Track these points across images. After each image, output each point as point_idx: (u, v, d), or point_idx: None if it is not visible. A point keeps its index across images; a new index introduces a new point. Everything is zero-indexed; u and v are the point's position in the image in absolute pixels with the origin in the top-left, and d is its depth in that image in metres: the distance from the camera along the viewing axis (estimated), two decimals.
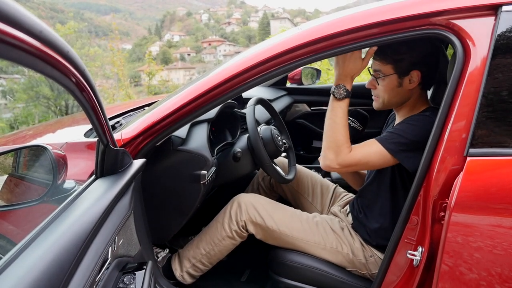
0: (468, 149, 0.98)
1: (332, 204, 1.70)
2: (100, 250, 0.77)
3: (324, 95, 2.82)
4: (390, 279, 1.18)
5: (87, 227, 0.73)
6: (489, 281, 0.96)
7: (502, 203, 0.94)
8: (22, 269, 0.54)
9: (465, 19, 1.03)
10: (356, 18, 1.12)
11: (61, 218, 0.73)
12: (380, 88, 1.32)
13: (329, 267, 1.40)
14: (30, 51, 0.37)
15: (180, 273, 1.55)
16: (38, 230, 0.67)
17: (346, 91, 1.27)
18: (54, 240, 0.64)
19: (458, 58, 1.03)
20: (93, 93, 0.65)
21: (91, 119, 0.76)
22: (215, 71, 1.29)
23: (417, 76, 1.27)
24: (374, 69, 1.32)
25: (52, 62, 0.42)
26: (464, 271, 0.98)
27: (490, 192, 0.95)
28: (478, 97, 0.98)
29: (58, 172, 0.94)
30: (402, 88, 1.30)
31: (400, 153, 1.21)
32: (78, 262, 0.67)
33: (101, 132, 0.85)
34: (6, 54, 0.34)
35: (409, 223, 1.13)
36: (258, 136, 1.51)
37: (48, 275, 0.56)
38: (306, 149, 2.81)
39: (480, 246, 0.95)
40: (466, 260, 0.97)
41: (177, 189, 1.40)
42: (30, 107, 11.73)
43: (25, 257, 0.58)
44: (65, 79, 0.50)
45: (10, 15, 0.33)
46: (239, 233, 1.48)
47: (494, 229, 0.94)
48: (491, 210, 0.95)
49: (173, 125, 1.26)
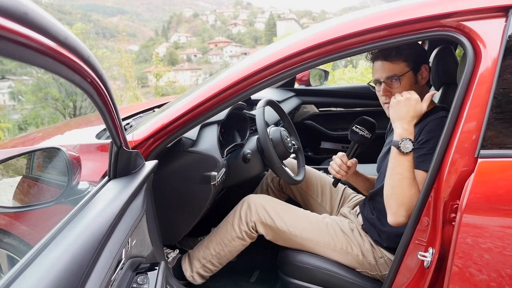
0: (479, 150, 0.98)
1: (341, 205, 1.70)
2: (115, 250, 0.78)
3: (332, 96, 2.83)
4: (401, 280, 1.18)
5: (102, 228, 0.74)
6: (500, 283, 0.96)
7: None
8: (43, 269, 0.56)
9: (475, 21, 1.03)
10: (367, 20, 1.13)
11: (77, 219, 0.74)
12: (398, 91, 1.27)
13: (339, 268, 1.40)
14: (56, 57, 0.38)
15: (190, 274, 1.57)
16: (56, 231, 0.68)
17: (412, 143, 1.17)
18: (72, 240, 0.66)
19: (468, 60, 1.03)
20: (109, 96, 0.66)
21: (106, 121, 0.77)
22: (225, 73, 1.30)
23: (426, 71, 1.29)
24: (388, 76, 1.30)
25: (74, 67, 0.44)
26: (475, 272, 0.98)
27: (501, 193, 0.95)
28: (489, 99, 0.98)
29: (73, 174, 0.96)
30: (418, 85, 1.30)
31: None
32: (95, 262, 0.69)
33: (115, 134, 0.86)
34: (34, 60, 0.35)
35: (420, 224, 1.13)
36: (268, 138, 1.52)
37: (67, 275, 0.58)
38: (314, 150, 2.81)
39: (491, 247, 0.95)
40: (477, 261, 0.97)
41: (188, 190, 1.42)
42: (38, 108, 11.84)
43: (44, 256, 0.59)
44: (85, 83, 0.51)
45: (40, 23, 0.34)
46: (249, 233, 1.49)
47: (505, 231, 0.94)
48: (502, 212, 0.95)
49: (184, 127, 1.27)
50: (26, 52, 0.33)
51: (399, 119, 1.19)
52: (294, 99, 2.63)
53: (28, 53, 0.33)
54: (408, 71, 1.27)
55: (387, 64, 1.29)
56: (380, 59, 1.31)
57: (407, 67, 1.27)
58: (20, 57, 0.33)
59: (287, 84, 2.81)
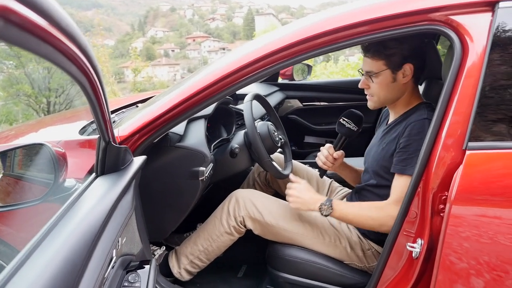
0: (467, 143, 1.00)
1: None
2: (107, 248, 0.76)
3: (315, 91, 2.84)
4: (390, 271, 1.20)
5: (94, 226, 0.72)
6: (489, 272, 0.99)
7: (501, 195, 0.96)
8: (37, 269, 0.53)
9: (463, 15, 1.04)
10: (356, 14, 1.13)
11: (67, 217, 0.71)
12: (374, 86, 1.32)
13: (328, 260, 1.41)
14: (56, 45, 0.36)
15: (177, 270, 1.55)
16: (46, 230, 0.65)
17: (327, 203, 1.31)
18: (64, 239, 0.63)
19: (456, 54, 1.05)
20: (102, 90, 0.64)
21: (96, 116, 0.74)
22: (211, 68, 1.29)
23: (410, 70, 1.28)
24: (366, 70, 1.32)
25: (73, 58, 0.41)
26: (464, 262, 1.00)
27: (489, 184, 0.97)
28: (476, 92, 1.00)
29: (59, 170, 0.93)
30: (397, 83, 1.31)
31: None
32: (88, 260, 0.67)
33: (104, 129, 0.83)
34: (36, 48, 0.33)
35: (408, 216, 1.14)
36: (256, 132, 1.51)
37: (62, 274, 0.55)
38: (298, 145, 2.82)
39: (480, 237, 0.97)
40: (466, 251, 0.99)
41: (175, 186, 1.39)
42: (10, 105, 11.44)
43: (37, 256, 0.57)
44: (81, 75, 0.49)
45: (44, 6, 0.32)
46: (237, 228, 1.48)
47: (494, 221, 0.96)
48: (491, 202, 0.97)
49: (171, 122, 1.25)
50: (31, 39, 0.31)
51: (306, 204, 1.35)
52: (278, 93, 2.63)
53: (32, 40, 0.31)
54: (385, 69, 1.28)
55: (367, 58, 1.31)
56: (363, 52, 1.33)
57: (384, 65, 1.28)
58: (24, 44, 0.30)
59: (271, 79, 2.80)
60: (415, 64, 1.29)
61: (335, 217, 1.32)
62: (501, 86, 0.99)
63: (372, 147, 1.45)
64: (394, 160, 1.27)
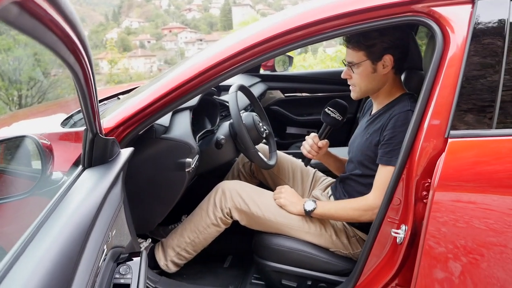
0: (449, 131, 1.03)
1: (312, 188, 1.73)
2: (100, 240, 0.75)
3: (297, 82, 2.86)
4: (375, 256, 1.23)
5: (86, 218, 0.71)
6: (471, 256, 1.03)
7: (481, 181, 1.00)
8: (33, 263, 0.53)
9: (445, 7, 1.07)
10: (340, 5, 1.14)
11: (59, 210, 0.70)
12: (355, 77, 1.35)
13: (313, 248, 1.44)
14: (59, 34, 0.35)
15: (164, 262, 1.54)
16: (38, 223, 0.64)
17: (310, 207, 1.40)
18: (58, 232, 0.62)
19: (438, 45, 1.08)
20: (93, 81, 0.63)
21: (85, 107, 0.73)
22: (196, 59, 1.28)
23: (390, 60, 1.30)
24: (348, 61, 1.35)
25: (72, 47, 0.41)
26: (446, 246, 1.04)
27: (471, 171, 1.01)
28: (457, 82, 1.03)
29: (46, 163, 0.91)
30: (377, 73, 1.33)
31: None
32: (82, 253, 0.66)
33: (93, 120, 0.82)
34: (42, 36, 0.32)
35: (392, 203, 1.18)
36: (242, 123, 1.52)
37: (59, 267, 0.55)
38: (280, 136, 2.84)
39: (463, 222, 1.01)
40: (449, 236, 1.03)
41: (162, 178, 1.39)
42: None
43: (32, 249, 0.56)
44: (76, 65, 0.48)
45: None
46: (224, 220, 1.49)
47: (475, 206, 1.00)
48: (472, 188, 1.01)
49: (156, 114, 1.24)
50: (39, 27, 0.30)
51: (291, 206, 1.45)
52: (260, 84, 2.63)
53: (40, 28, 0.30)
54: (365, 60, 1.30)
55: (348, 49, 1.34)
56: (345, 43, 1.35)
57: (364, 56, 1.30)
58: (32, 32, 0.30)
59: (253, 70, 2.79)
60: (395, 55, 1.31)
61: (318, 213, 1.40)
62: (481, 76, 1.03)
63: (356, 138, 1.47)
64: (380, 152, 1.30)
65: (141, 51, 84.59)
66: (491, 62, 1.02)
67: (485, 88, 1.02)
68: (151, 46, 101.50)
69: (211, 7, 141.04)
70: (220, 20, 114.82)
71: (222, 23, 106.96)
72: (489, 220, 0.99)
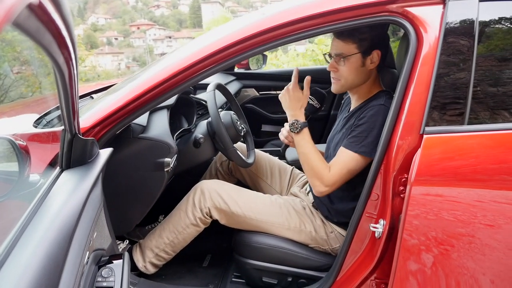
0: (424, 127, 1.07)
1: (290, 185, 1.75)
2: (83, 243, 0.73)
3: (272, 80, 2.87)
4: (354, 251, 1.26)
5: (70, 221, 0.70)
6: (446, 246, 1.07)
7: (457, 175, 1.05)
8: (19, 268, 0.51)
9: (418, 7, 1.11)
10: (316, 4, 1.16)
11: (40, 213, 0.68)
12: (343, 69, 1.34)
13: (293, 245, 1.46)
14: (56, 34, 0.34)
15: (142, 264, 1.52)
16: (20, 226, 0.62)
17: (301, 123, 1.36)
18: (42, 235, 0.61)
19: (412, 44, 1.11)
20: (76, 80, 0.61)
21: (66, 106, 0.71)
22: (172, 59, 1.27)
23: (377, 56, 1.33)
24: (336, 53, 1.34)
25: (64, 47, 0.39)
26: (423, 238, 1.08)
27: (445, 166, 1.05)
28: (431, 79, 1.07)
29: (24, 165, 0.87)
30: (365, 68, 1.34)
31: (373, 151, 1.23)
32: (66, 255, 0.64)
33: (72, 120, 0.80)
34: (40, 37, 0.31)
35: (370, 198, 1.21)
36: (221, 122, 1.51)
37: (45, 271, 0.53)
38: (256, 134, 2.84)
39: (439, 216, 1.05)
40: (426, 228, 1.07)
41: (140, 178, 1.36)
42: None
43: (17, 253, 0.54)
44: (65, 65, 0.46)
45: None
46: (203, 220, 1.48)
47: (451, 199, 1.05)
48: (448, 183, 1.05)
49: (134, 113, 1.22)
50: (40, 29, 0.29)
51: (288, 108, 1.40)
52: (235, 83, 2.63)
53: (41, 29, 0.29)
54: (356, 53, 1.31)
55: (338, 41, 1.33)
56: (335, 35, 1.35)
57: (356, 49, 1.31)
58: (34, 33, 0.28)
59: (228, 68, 2.79)
60: (383, 52, 1.34)
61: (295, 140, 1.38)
62: (453, 74, 1.07)
63: (335, 135, 1.49)
64: (345, 137, 1.33)
65: (109, 48, 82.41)
66: (462, 60, 1.07)
67: (457, 85, 1.06)
68: (119, 43, 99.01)
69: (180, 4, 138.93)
70: (189, 17, 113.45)
71: (192, 20, 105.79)
72: (463, 213, 1.04)
